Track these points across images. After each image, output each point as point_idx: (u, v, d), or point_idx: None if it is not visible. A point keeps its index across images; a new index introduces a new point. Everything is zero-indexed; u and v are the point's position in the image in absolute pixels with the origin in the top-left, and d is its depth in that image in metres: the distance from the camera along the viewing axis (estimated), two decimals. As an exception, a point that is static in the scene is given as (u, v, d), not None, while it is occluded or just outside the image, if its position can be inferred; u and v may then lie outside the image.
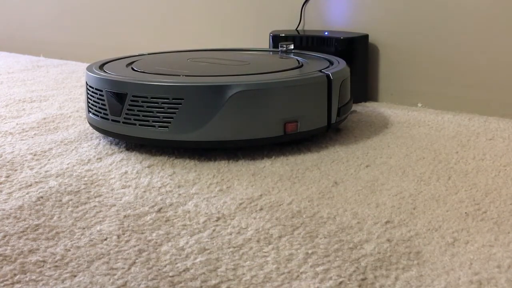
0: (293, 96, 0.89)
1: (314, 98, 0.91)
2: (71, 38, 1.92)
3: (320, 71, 0.94)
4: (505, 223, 0.65)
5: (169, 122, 0.86)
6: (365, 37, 1.21)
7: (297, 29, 1.33)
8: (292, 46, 1.15)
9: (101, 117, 0.93)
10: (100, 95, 0.93)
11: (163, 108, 0.86)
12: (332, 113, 0.93)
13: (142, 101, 0.87)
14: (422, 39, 1.15)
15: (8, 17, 2.15)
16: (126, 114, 0.89)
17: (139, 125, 0.88)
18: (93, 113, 0.95)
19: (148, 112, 0.87)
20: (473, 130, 1.00)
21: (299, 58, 1.08)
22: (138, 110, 0.88)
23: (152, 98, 0.86)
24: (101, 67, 1.03)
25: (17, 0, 2.09)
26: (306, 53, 1.15)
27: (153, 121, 0.87)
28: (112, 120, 0.91)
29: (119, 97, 0.89)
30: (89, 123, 0.99)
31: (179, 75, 0.92)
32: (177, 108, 0.85)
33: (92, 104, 0.96)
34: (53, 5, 1.95)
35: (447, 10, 1.10)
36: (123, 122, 0.89)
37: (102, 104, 0.93)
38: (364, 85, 1.24)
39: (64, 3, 1.92)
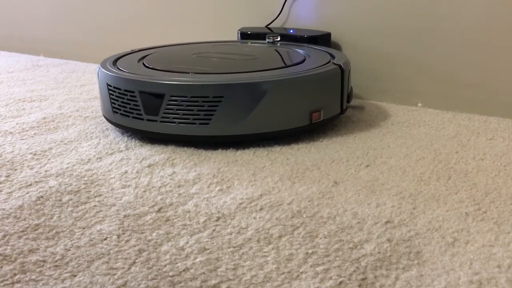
0: (317, 88, 0.96)
1: (332, 88, 0.99)
2: (71, 37, 1.92)
3: (333, 63, 1.01)
4: (505, 223, 0.65)
5: (210, 119, 0.90)
6: (327, 35, 1.24)
7: (268, 26, 1.35)
8: (278, 38, 1.23)
9: (133, 117, 0.94)
10: (131, 96, 0.93)
11: (203, 106, 0.89)
12: (344, 100, 1.02)
13: (182, 101, 0.90)
14: (422, 39, 1.15)
15: (8, 16, 2.15)
16: (164, 113, 0.91)
17: (179, 123, 0.91)
18: (122, 114, 0.96)
19: (188, 111, 0.90)
20: (473, 130, 1.00)
21: (300, 51, 1.14)
22: (177, 109, 0.91)
23: (192, 97, 0.89)
24: (114, 63, 1.05)
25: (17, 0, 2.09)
26: (295, 44, 1.21)
27: (193, 119, 0.90)
28: (148, 120, 0.93)
29: (155, 97, 0.91)
30: (113, 122, 1.00)
31: (208, 73, 0.96)
32: (217, 106, 0.89)
33: (119, 105, 0.96)
34: (53, 4, 1.95)
35: (447, 10, 1.10)
36: (161, 121, 0.92)
37: (134, 105, 0.94)
38: None
39: (65, 2, 1.91)
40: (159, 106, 0.91)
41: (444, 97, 1.15)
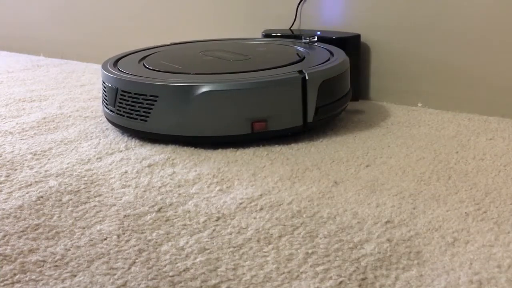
0: (261, 97, 0.91)
1: (285, 98, 0.92)
2: (71, 37, 1.92)
3: (300, 71, 0.93)
4: (505, 223, 0.65)
5: (148, 116, 0.93)
6: (357, 36, 1.20)
7: (291, 28, 1.33)
8: (315, 39, 1.16)
9: (105, 106, 1.04)
10: (104, 88, 1.03)
11: (142, 103, 0.94)
12: (309, 113, 0.94)
13: (128, 96, 0.95)
14: (422, 39, 1.15)
15: (8, 16, 2.15)
16: (118, 106, 0.98)
17: (127, 116, 0.97)
18: (103, 103, 1.06)
19: (132, 106, 0.95)
20: (473, 130, 1.00)
21: (303, 50, 1.12)
22: (125, 104, 0.97)
23: (134, 93, 0.94)
24: (116, 62, 1.11)
25: None
26: (322, 46, 1.16)
27: (136, 114, 0.95)
28: (110, 110, 1.01)
29: (113, 91, 0.99)
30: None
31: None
32: (153, 104, 0.92)
33: (103, 96, 1.06)
34: (53, 4, 1.95)
35: (447, 10, 1.10)
36: (116, 113, 0.99)
37: (105, 96, 1.03)
38: (355, 84, 1.22)
39: (65, 2, 1.91)
40: (115, 99, 0.97)
41: (444, 97, 1.15)
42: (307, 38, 1.16)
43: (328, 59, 1.04)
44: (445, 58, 1.13)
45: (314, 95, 0.94)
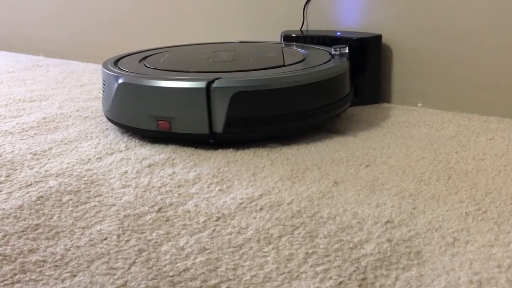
0: (165, 98, 0.93)
1: (189, 105, 0.91)
2: (71, 37, 1.92)
3: (215, 79, 0.90)
4: (505, 223, 0.65)
5: (103, 99, 1.05)
6: (378, 37, 1.18)
7: (301, 29, 1.33)
8: (346, 50, 1.07)
9: None
10: None
11: (103, 88, 1.04)
12: (217, 123, 0.91)
13: (103, 83, 1.05)
14: (422, 39, 1.15)
15: (8, 16, 2.15)
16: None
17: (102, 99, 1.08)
18: None
19: (103, 90, 1.05)
20: (473, 130, 1.00)
21: (304, 51, 1.12)
22: (102, 87, 1.06)
23: (103, 80, 1.05)
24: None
25: None
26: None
27: (102, 97, 1.05)
28: None
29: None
30: None
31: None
32: (104, 89, 1.04)
33: None
34: (53, 4, 1.95)
35: (449, 11, 1.10)
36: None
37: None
38: (376, 86, 1.21)
39: (65, 2, 1.91)
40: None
41: (444, 97, 1.15)
42: (338, 49, 1.06)
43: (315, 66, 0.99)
44: (445, 58, 1.13)
45: (224, 106, 0.90)
